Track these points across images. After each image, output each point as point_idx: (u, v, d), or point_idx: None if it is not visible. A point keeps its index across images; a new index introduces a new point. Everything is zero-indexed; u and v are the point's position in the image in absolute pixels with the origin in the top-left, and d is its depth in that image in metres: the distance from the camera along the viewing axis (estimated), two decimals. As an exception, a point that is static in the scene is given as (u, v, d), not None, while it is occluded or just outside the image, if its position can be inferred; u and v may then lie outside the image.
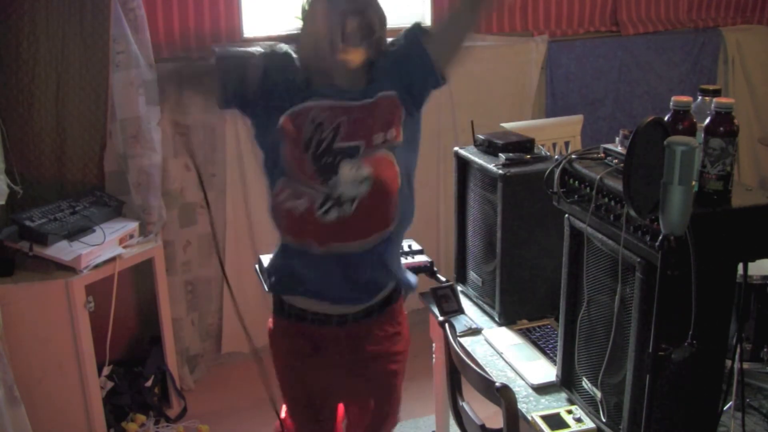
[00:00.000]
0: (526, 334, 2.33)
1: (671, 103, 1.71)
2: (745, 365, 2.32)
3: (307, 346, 1.97)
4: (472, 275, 2.56)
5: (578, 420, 1.89)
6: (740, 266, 1.75)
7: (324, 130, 1.78)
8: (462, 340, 2.30)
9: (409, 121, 1.88)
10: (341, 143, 1.79)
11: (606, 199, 1.77)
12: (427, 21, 3.97)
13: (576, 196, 1.89)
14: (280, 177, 1.84)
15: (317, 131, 1.78)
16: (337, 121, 1.79)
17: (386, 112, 1.83)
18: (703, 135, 1.66)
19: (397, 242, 1.97)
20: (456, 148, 2.56)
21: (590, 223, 1.82)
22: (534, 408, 1.98)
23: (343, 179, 1.77)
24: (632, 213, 1.56)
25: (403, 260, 2.41)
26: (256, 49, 1.88)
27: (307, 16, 1.83)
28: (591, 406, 1.91)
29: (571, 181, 1.92)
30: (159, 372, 3.35)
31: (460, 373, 2.11)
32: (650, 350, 1.53)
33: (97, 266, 2.94)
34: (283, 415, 2.14)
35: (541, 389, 2.06)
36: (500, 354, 2.25)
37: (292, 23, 1.92)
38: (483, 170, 2.39)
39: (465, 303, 2.56)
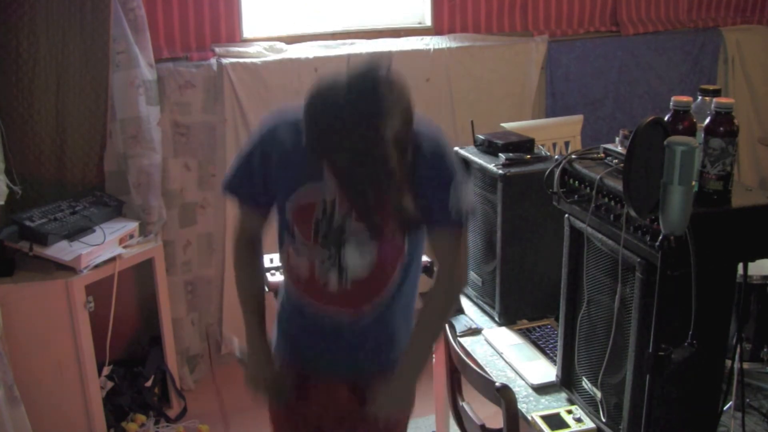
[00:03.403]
0: (526, 334, 2.33)
1: (671, 103, 1.71)
2: (745, 365, 2.32)
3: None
4: (472, 275, 2.56)
5: (578, 420, 1.89)
6: (740, 266, 1.75)
7: (335, 217, 1.70)
8: (462, 340, 2.30)
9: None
10: (352, 224, 1.70)
11: (606, 199, 1.77)
12: (427, 21, 3.98)
13: (576, 196, 1.88)
14: (284, 232, 1.78)
15: (327, 218, 1.70)
16: (347, 203, 1.68)
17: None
18: (703, 135, 1.66)
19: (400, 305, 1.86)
20: (456, 148, 2.56)
21: (590, 223, 1.81)
22: (534, 408, 1.98)
23: (350, 261, 1.72)
24: (632, 213, 1.56)
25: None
26: (253, 140, 1.76)
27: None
28: (591, 406, 1.91)
29: (571, 181, 1.92)
30: (159, 372, 3.35)
31: (460, 373, 2.12)
32: (650, 350, 1.53)
33: (97, 266, 2.93)
34: None
35: (541, 389, 2.06)
36: (500, 354, 2.25)
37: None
38: (483, 170, 2.39)
39: (465, 303, 2.56)
